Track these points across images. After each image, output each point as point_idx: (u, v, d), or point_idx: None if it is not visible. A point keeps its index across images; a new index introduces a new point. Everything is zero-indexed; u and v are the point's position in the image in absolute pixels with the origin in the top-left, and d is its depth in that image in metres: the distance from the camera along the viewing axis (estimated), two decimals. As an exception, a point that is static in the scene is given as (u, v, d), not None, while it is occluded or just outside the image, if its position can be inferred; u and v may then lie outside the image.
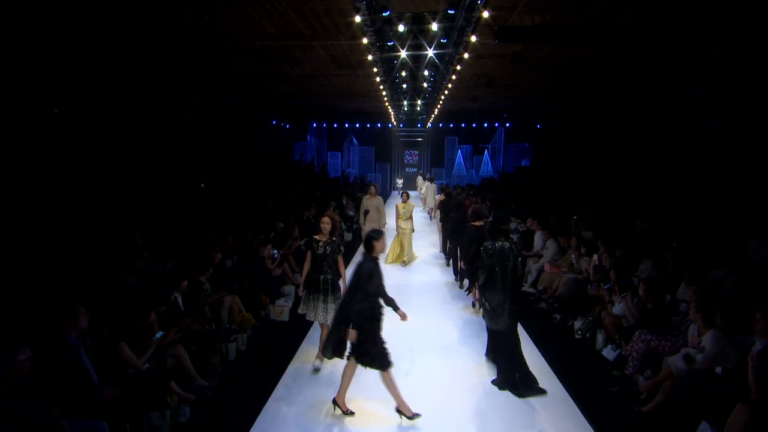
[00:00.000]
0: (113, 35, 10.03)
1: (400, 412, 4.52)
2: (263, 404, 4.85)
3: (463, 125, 27.88)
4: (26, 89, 8.95)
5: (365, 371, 4.59)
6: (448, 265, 10.57)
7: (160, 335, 4.84)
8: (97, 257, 6.38)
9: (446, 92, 15.32)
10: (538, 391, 5.09)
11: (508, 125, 27.63)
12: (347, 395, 4.69)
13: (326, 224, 5.61)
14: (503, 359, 5.35)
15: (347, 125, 28.87)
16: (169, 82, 14.13)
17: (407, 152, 29.85)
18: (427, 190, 17.89)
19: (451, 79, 12.78)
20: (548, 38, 8.53)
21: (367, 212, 10.30)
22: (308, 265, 5.60)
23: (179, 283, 5.77)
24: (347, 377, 4.63)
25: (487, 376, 5.52)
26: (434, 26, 9.10)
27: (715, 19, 8.40)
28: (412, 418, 4.50)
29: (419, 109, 21.57)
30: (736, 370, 4.33)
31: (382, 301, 4.57)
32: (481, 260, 5.30)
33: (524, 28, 9.00)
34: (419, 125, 27.91)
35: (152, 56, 11.92)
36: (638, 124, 16.73)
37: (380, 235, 4.73)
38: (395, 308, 4.65)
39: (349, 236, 13.69)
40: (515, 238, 9.58)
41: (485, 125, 27.84)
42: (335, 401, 4.65)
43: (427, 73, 13.70)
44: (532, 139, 26.74)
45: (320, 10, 8.73)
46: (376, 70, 12.14)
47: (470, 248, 7.10)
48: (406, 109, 21.72)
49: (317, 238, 5.62)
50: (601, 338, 6.37)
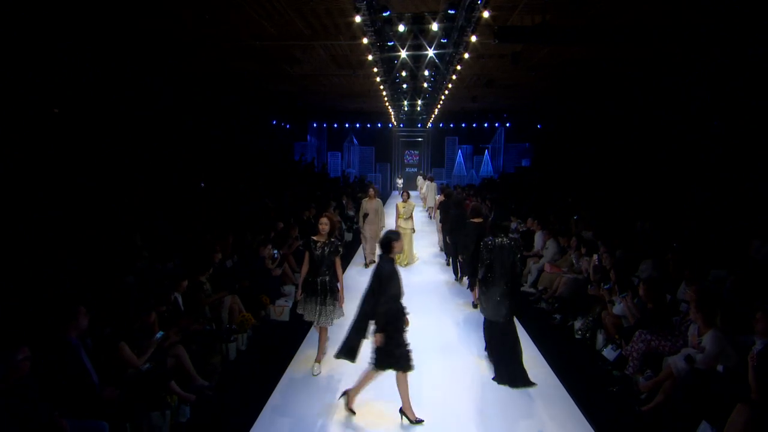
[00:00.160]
0: (113, 35, 10.02)
1: (403, 413, 4.52)
2: (263, 404, 4.85)
3: (463, 125, 27.88)
4: (26, 89, 8.95)
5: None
6: (448, 264, 10.59)
7: (160, 335, 4.85)
8: (97, 257, 6.38)
9: (446, 92, 15.32)
10: (528, 383, 5.23)
11: (508, 125, 27.63)
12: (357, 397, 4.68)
13: (324, 225, 5.51)
14: (502, 353, 5.43)
15: (347, 125, 28.87)
16: (169, 82, 14.13)
17: (407, 152, 29.85)
18: (427, 189, 17.95)
19: (451, 79, 12.78)
20: (548, 38, 8.53)
21: (366, 215, 10.27)
22: (306, 266, 5.52)
23: (179, 283, 5.77)
24: (366, 380, 4.60)
25: (487, 375, 5.53)
26: (434, 26, 9.10)
27: (715, 19, 8.40)
28: (415, 422, 4.49)
29: (419, 109, 21.56)
30: (736, 370, 4.34)
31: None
32: (480, 256, 5.47)
33: (524, 28, 9.00)
34: (419, 125, 27.91)
35: (152, 56, 11.92)
36: (638, 124, 16.72)
37: (398, 235, 4.70)
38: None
39: (349, 236, 13.69)
40: (515, 236, 9.59)
41: (485, 125, 27.83)
42: (347, 393, 4.67)
43: (427, 73, 13.70)
44: (532, 139, 26.73)
45: (320, 10, 8.74)
46: (376, 70, 12.14)
47: (470, 244, 7.32)
48: (406, 109, 21.71)
49: (315, 239, 5.52)
50: (601, 338, 6.38)
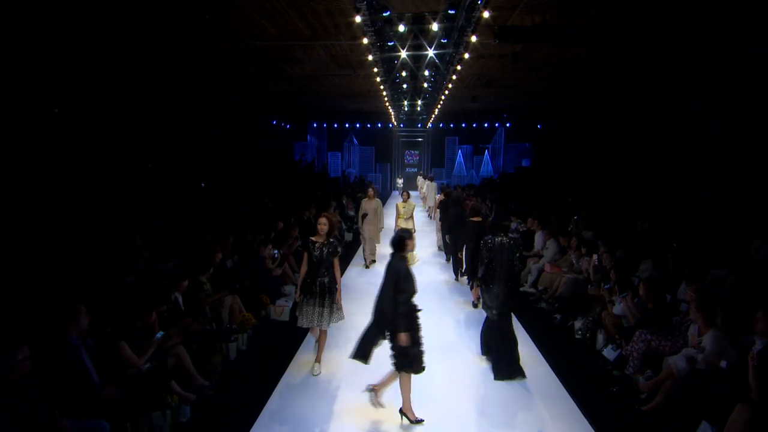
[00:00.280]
0: (113, 35, 10.03)
1: (403, 413, 4.52)
2: (264, 404, 4.85)
3: (463, 125, 27.88)
4: (26, 89, 8.95)
5: (366, 372, 4.57)
6: (448, 261, 10.61)
7: (160, 335, 4.85)
8: (97, 257, 6.37)
9: (446, 92, 15.32)
10: (523, 375, 5.42)
11: (508, 125, 27.63)
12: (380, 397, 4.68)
13: (323, 225, 5.41)
14: (502, 351, 5.50)
15: (347, 125, 28.87)
16: (169, 82, 14.13)
17: (407, 152, 29.85)
18: (427, 189, 17.98)
19: (451, 79, 12.78)
20: (548, 38, 8.54)
21: (365, 215, 10.20)
22: (305, 267, 5.43)
23: (180, 282, 5.77)
24: (392, 379, 4.58)
25: (487, 375, 5.53)
26: (434, 26, 9.10)
27: (715, 19, 8.40)
28: (415, 422, 4.49)
29: (419, 109, 21.56)
30: (736, 369, 4.33)
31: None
32: (480, 254, 5.59)
33: (524, 28, 9.01)
34: (419, 125, 27.91)
35: (152, 56, 11.92)
36: (638, 124, 16.72)
37: (411, 234, 4.69)
38: None
39: (349, 236, 13.69)
40: (515, 235, 9.61)
41: (485, 125, 27.84)
42: (373, 389, 4.64)
43: (427, 73, 13.70)
44: (532, 139, 26.73)
45: (321, 10, 8.74)
46: (376, 70, 12.14)
47: (470, 243, 7.53)
48: (406, 109, 21.70)
49: (314, 239, 5.43)
50: (601, 338, 6.38)
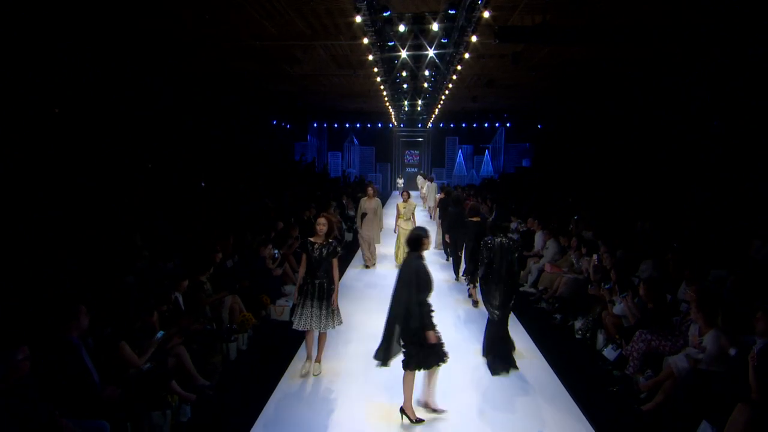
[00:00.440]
0: (113, 35, 10.03)
1: (404, 413, 4.51)
2: (264, 403, 4.85)
3: (463, 125, 27.89)
4: (26, 89, 8.95)
5: (375, 373, 4.54)
6: (447, 260, 10.61)
7: (161, 335, 4.85)
8: (97, 257, 6.38)
9: (447, 92, 15.32)
10: (513, 366, 5.62)
11: (508, 125, 27.63)
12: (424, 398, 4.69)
13: (322, 226, 5.29)
14: (499, 347, 5.63)
15: (348, 125, 28.88)
16: (169, 82, 14.13)
17: (408, 152, 29.85)
18: (427, 190, 17.99)
19: (451, 79, 12.79)
20: (548, 38, 8.55)
21: (365, 215, 10.10)
22: (303, 269, 5.32)
23: (180, 282, 5.77)
24: (431, 380, 4.59)
25: (487, 375, 5.53)
26: (435, 26, 9.11)
27: (715, 19, 8.40)
28: (415, 422, 4.49)
29: (420, 109, 21.57)
30: (736, 369, 4.33)
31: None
32: (480, 254, 5.69)
33: (524, 28, 9.01)
34: (420, 125, 27.91)
35: (152, 56, 11.93)
36: (638, 124, 16.72)
37: (427, 232, 4.67)
38: None
39: (349, 236, 13.68)
40: (515, 236, 9.63)
41: (486, 125, 27.84)
42: (424, 403, 4.65)
43: (427, 73, 13.71)
44: (532, 139, 26.74)
45: (321, 10, 8.74)
46: (376, 70, 12.14)
47: (469, 243, 7.69)
48: (406, 109, 21.71)
49: (312, 240, 5.31)
50: (601, 338, 6.38)
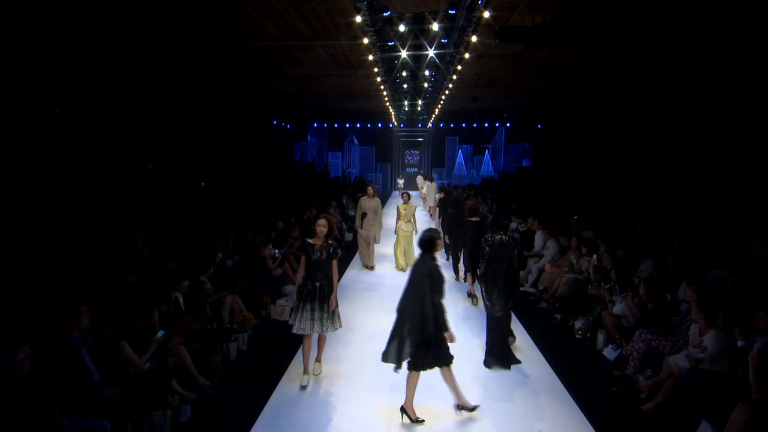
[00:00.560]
0: (113, 35, 10.03)
1: (404, 411, 4.52)
2: (264, 403, 4.85)
3: (463, 125, 27.88)
4: (26, 89, 8.95)
5: (368, 374, 4.55)
6: (447, 260, 10.62)
7: (161, 335, 4.85)
8: (97, 257, 6.38)
9: (447, 92, 15.32)
10: (514, 361, 5.69)
11: (508, 125, 27.62)
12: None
13: (322, 227, 5.15)
14: (495, 340, 5.69)
15: (348, 125, 28.86)
16: (169, 82, 14.13)
17: (408, 152, 29.85)
18: (427, 190, 18.01)
19: (451, 79, 12.79)
20: (548, 38, 8.55)
21: (364, 215, 10.05)
22: (302, 272, 5.20)
23: (180, 282, 5.77)
24: (451, 381, 4.56)
25: (487, 375, 5.52)
26: (435, 26, 9.11)
27: (715, 19, 8.40)
28: (415, 421, 4.48)
29: (420, 109, 21.56)
30: (736, 369, 4.34)
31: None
32: (482, 251, 5.80)
33: (525, 28, 9.01)
34: (420, 125, 27.90)
35: (152, 56, 11.93)
36: (638, 124, 16.73)
37: (440, 233, 4.63)
38: None
39: (349, 236, 13.69)
40: (515, 234, 9.65)
41: (486, 125, 27.83)
42: (458, 406, 4.63)
43: (427, 73, 13.70)
44: (532, 139, 26.74)
45: (321, 10, 8.74)
46: (376, 70, 12.14)
47: (468, 242, 7.79)
48: (406, 109, 21.71)
49: (311, 242, 5.18)
50: (601, 338, 6.38)
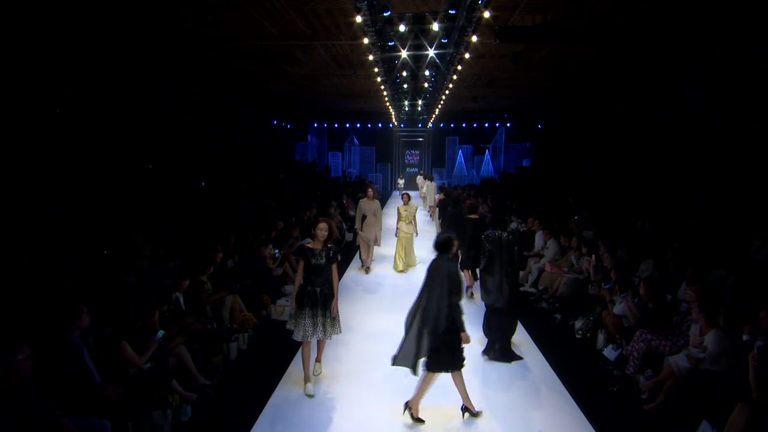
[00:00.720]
0: (113, 35, 10.03)
1: (408, 407, 4.53)
2: (265, 403, 4.85)
3: (463, 125, 27.89)
4: (26, 89, 8.95)
5: (368, 375, 4.54)
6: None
7: (161, 334, 4.85)
8: (98, 257, 6.38)
9: (447, 92, 15.32)
10: (516, 357, 5.87)
11: (508, 125, 27.64)
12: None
13: (323, 231, 4.93)
14: (498, 333, 5.83)
15: (348, 125, 28.88)
16: (169, 82, 14.13)
17: (408, 152, 29.86)
18: (427, 190, 18.02)
19: (451, 79, 12.79)
20: (549, 38, 8.56)
21: (364, 217, 10.00)
22: (300, 277, 4.99)
23: (180, 282, 5.77)
24: (460, 383, 4.52)
25: (488, 375, 5.53)
26: (435, 26, 9.11)
27: (715, 19, 8.41)
28: (415, 421, 4.49)
29: (420, 109, 21.57)
30: (736, 369, 4.34)
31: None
32: (482, 247, 6.00)
33: (525, 28, 9.01)
34: (420, 125, 27.91)
35: (152, 56, 11.93)
36: (638, 124, 16.73)
37: (455, 234, 4.62)
38: None
39: (349, 237, 13.69)
40: (515, 232, 9.66)
41: (486, 125, 27.85)
42: (464, 408, 4.59)
43: (427, 73, 13.71)
44: (532, 139, 26.75)
45: (321, 10, 8.75)
46: (377, 70, 12.14)
47: (467, 239, 7.97)
48: (406, 109, 21.72)
49: (311, 247, 4.98)
50: (601, 338, 6.38)
